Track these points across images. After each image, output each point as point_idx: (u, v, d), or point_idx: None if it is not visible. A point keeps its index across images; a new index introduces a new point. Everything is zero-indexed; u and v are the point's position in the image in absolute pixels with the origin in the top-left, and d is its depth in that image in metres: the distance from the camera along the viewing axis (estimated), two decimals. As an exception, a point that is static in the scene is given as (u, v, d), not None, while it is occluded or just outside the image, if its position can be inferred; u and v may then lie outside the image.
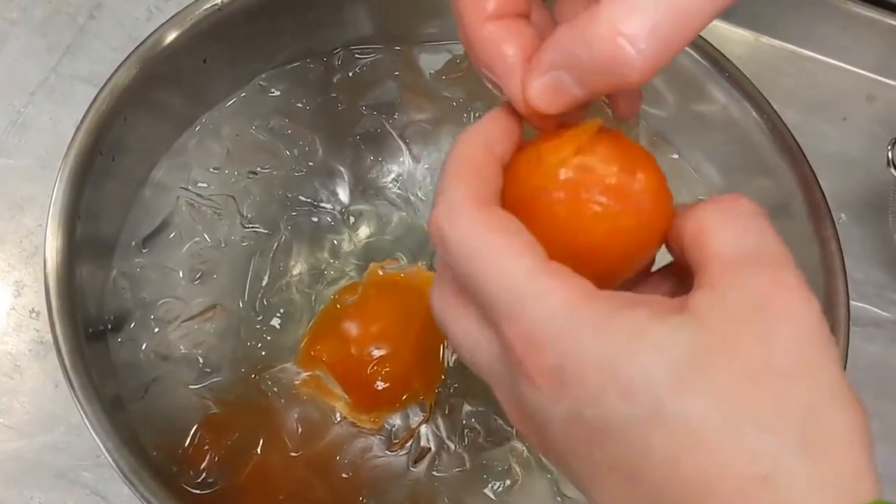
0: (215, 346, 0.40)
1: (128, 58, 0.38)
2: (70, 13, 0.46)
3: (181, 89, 0.41)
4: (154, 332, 0.40)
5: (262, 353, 0.40)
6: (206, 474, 0.38)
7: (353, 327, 0.39)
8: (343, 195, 0.43)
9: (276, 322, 0.41)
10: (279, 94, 0.44)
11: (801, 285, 0.20)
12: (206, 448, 0.38)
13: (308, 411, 0.39)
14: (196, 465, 0.38)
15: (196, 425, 0.38)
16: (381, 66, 0.45)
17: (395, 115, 0.44)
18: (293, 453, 0.39)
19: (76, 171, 0.36)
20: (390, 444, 0.40)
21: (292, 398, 0.39)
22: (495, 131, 0.24)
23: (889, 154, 0.41)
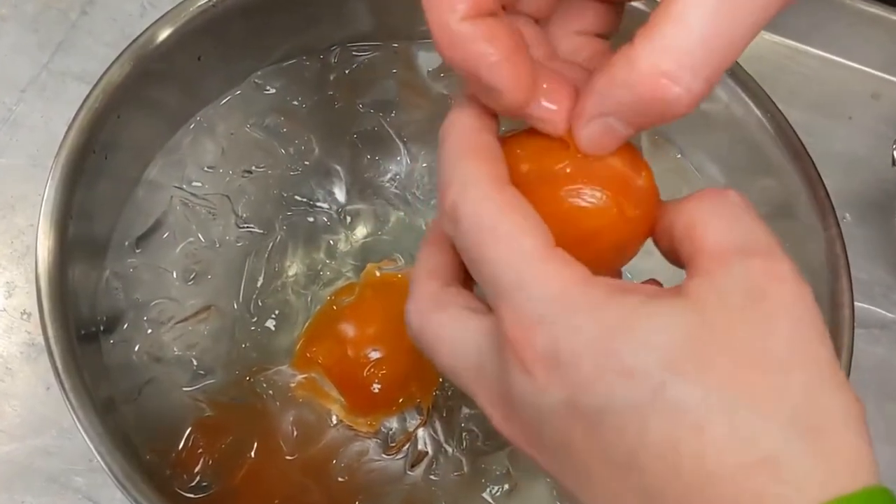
0: (209, 348, 0.39)
1: (121, 55, 0.37)
2: (62, 9, 0.46)
3: (175, 87, 0.40)
4: (147, 333, 0.39)
5: (257, 355, 0.40)
6: (199, 478, 0.37)
7: (349, 329, 0.39)
8: (340, 194, 0.43)
9: (271, 323, 0.40)
10: (275, 91, 0.43)
11: (793, 273, 0.20)
12: (200, 451, 0.38)
13: (303, 414, 0.39)
14: (190, 468, 0.37)
15: (190, 428, 0.38)
16: (378, 64, 0.44)
17: (393, 114, 0.44)
18: (288, 457, 0.38)
19: (68, 169, 0.36)
20: (387, 448, 0.39)
21: (287, 401, 0.39)
22: (482, 115, 0.24)
23: (895, 153, 0.41)
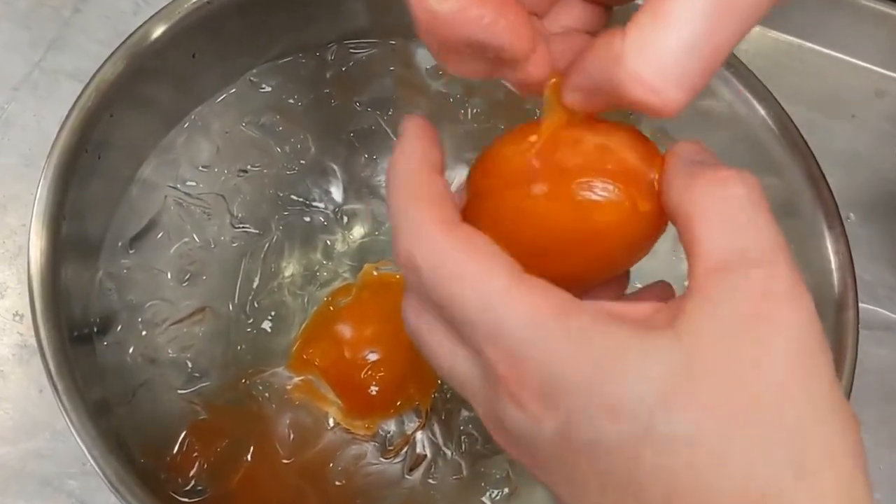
0: (204, 350, 0.39)
1: (114, 52, 0.37)
2: (54, 6, 0.45)
3: (169, 85, 0.40)
4: (141, 335, 0.39)
5: (253, 357, 0.39)
6: (195, 482, 0.37)
7: (346, 330, 0.39)
8: (336, 194, 0.42)
9: (267, 325, 0.40)
10: (270, 89, 0.43)
11: (793, 286, 0.20)
12: (195, 455, 0.37)
13: (300, 417, 0.39)
14: (185, 472, 0.37)
15: (185, 431, 0.38)
16: (375, 62, 0.44)
17: (390, 112, 0.43)
18: (285, 460, 0.38)
19: (61, 169, 0.35)
20: (385, 451, 0.39)
21: (284, 403, 0.39)
22: (427, 147, 0.23)
23: (899, 152, 0.41)
